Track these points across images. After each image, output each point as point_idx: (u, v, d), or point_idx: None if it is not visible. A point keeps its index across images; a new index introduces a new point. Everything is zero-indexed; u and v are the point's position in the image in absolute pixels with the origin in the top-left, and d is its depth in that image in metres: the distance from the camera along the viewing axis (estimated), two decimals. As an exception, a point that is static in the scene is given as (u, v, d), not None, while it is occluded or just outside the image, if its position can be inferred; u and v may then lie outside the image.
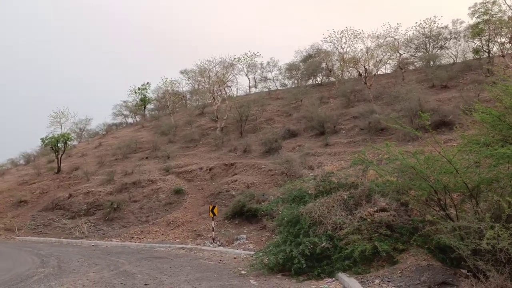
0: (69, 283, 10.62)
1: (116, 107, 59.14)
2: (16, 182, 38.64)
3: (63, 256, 16.83)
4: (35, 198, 33.06)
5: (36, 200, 32.65)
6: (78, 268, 13.44)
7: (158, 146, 36.67)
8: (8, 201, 33.53)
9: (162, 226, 23.77)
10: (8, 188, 36.60)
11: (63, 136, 38.76)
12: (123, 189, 28.38)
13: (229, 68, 41.37)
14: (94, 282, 10.69)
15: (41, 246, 21.87)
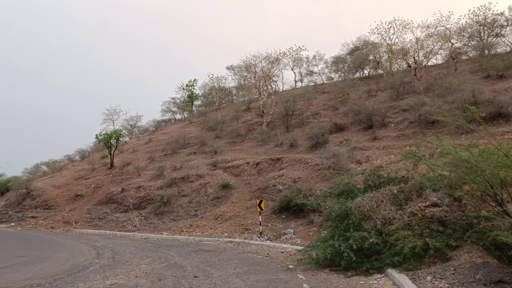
0: (122, 274, 11.02)
1: (165, 104, 60.73)
2: (73, 177, 40.52)
3: (117, 248, 17.49)
4: (90, 193, 34.54)
5: (91, 194, 34.11)
6: (131, 260, 13.93)
7: (205, 142, 37.24)
8: (66, 195, 35.26)
9: (210, 220, 24.17)
10: (65, 183, 38.45)
11: (115, 132, 40.20)
12: (173, 184, 29.08)
13: (275, 63, 41.25)
14: (146, 273, 11.03)
15: (96, 238, 22.83)
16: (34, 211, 34.01)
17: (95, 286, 9.19)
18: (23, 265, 13.04)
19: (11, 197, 38.23)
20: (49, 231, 28.25)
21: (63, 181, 39.36)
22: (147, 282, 9.62)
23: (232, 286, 9.06)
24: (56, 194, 35.74)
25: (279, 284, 9.22)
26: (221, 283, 9.47)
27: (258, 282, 9.55)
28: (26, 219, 33.12)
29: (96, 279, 10.18)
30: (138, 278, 10.31)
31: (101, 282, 9.77)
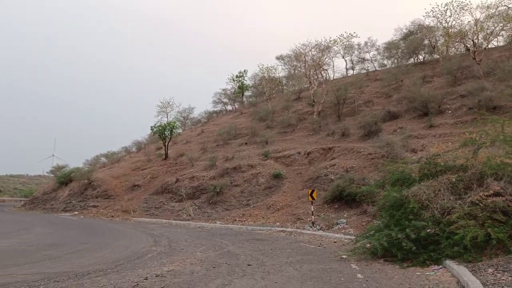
0: (178, 261, 11.35)
1: (216, 95, 61.58)
2: (130, 168, 42.11)
3: (172, 236, 18.04)
4: (147, 183, 35.77)
5: (148, 184, 35.32)
6: (186, 248, 14.32)
7: (256, 132, 37.46)
8: (124, 185, 36.74)
9: (263, 209, 24.37)
10: (123, 173, 40.05)
11: (169, 124, 41.30)
12: (225, 174, 29.52)
13: (325, 51, 40.65)
14: (201, 261, 11.31)
15: (153, 226, 23.65)
16: (95, 201, 35.72)
17: (153, 272, 9.52)
18: (87, 251, 13.75)
19: (74, 187, 40.33)
20: (109, 219, 29.57)
21: (121, 172, 41.01)
22: (202, 269, 9.86)
23: (285, 275, 9.11)
24: (115, 184, 37.32)
25: (332, 274, 9.16)
26: (274, 271, 9.54)
27: (311, 271, 9.54)
28: (88, 208, 34.86)
29: (154, 266, 10.56)
30: (193, 265, 10.59)
31: (158, 268, 10.11)
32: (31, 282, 8.44)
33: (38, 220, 28.90)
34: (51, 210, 38.46)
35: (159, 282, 8.39)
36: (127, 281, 8.53)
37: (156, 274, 9.21)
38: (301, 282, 8.33)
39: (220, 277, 8.86)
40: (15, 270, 9.93)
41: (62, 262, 11.36)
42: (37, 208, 41.78)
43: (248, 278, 8.74)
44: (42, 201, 43.42)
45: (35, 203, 44.30)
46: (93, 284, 8.17)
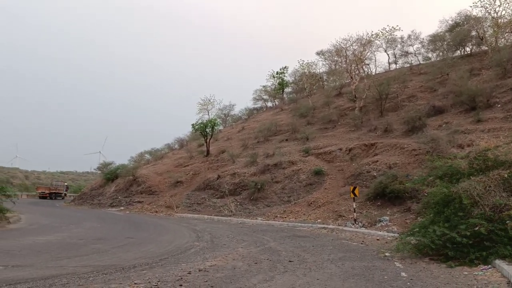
0: (221, 256, 11.51)
1: (256, 92, 61.78)
2: (173, 164, 43.01)
3: (214, 232, 18.30)
4: (189, 179, 36.42)
5: (190, 181, 35.95)
6: (228, 243, 14.49)
7: (297, 128, 37.32)
8: (167, 182, 37.56)
9: (304, 206, 24.28)
10: (166, 170, 40.95)
11: (210, 121, 41.81)
12: (266, 170, 29.61)
13: (367, 45, 39.85)
14: (243, 256, 11.41)
15: (195, 222, 24.07)
16: (140, 196, 36.75)
17: (196, 267, 9.70)
18: (132, 245, 14.18)
19: (120, 184, 41.64)
20: (154, 215, 30.34)
21: (164, 169, 41.94)
22: (244, 265, 9.95)
23: (327, 272, 9.05)
24: (158, 181, 38.24)
25: (375, 272, 9.02)
26: (316, 268, 9.50)
27: (354, 268, 9.43)
28: (133, 204, 35.92)
29: (197, 261, 10.75)
30: (235, 260, 10.70)
31: (201, 263, 10.29)
32: (81, 274, 8.79)
33: (87, 215, 30.05)
34: (98, 206, 39.90)
35: (202, 276, 8.54)
36: (171, 275, 8.73)
37: (199, 269, 9.37)
38: (343, 280, 8.26)
39: (262, 273, 8.92)
40: (66, 263, 10.39)
41: (109, 255, 11.78)
42: (85, 204, 43.47)
43: (290, 275, 8.75)
44: (90, 197, 45.13)
45: (84, 199, 46.10)
46: (139, 277, 8.41)
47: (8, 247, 13.42)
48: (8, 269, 9.39)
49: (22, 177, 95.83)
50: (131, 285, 7.68)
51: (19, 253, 12.09)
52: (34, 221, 24.15)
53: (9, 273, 8.96)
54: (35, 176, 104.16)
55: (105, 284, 7.80)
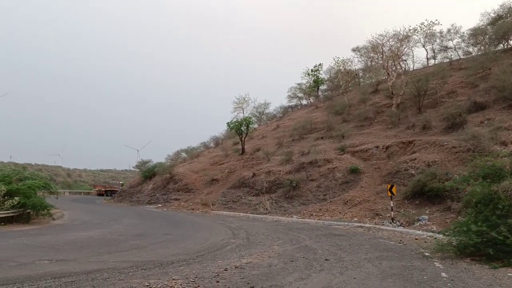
0: (257, 254, 11.58)
1: (291, 90, 61.52)
2: (208, 162, 43.49)
3: (250, 230, 18.42)
4: (225, 177, 36.74)
5: (225, 179, 36.27)
6: (264, 241, 14.56)
7: (332, 126, 36.97)
8: (203, 180, 38.04)
9: (339, 204, 24.06)
10: (202, 168, 41.47)
11: (245, 120, 42.00)
12: (301, 169, 29.50)
13: (404, 41, 38.92)
14: (279, 254, 11.45)
15: (231, 219, 24.28)
16: (177, 194, 37.38)
17: (233, 264, 9.81)
18: (170, 241, 14.48)
19: (157, 181, 42.49)
20: (190, 212, 30.81)
21: (200, 167, 42.48)
22: (280, 263, 9.98)
23: (364, 271, 8.96)
24: (194, 179, 38.77)
25: (414, 272, 8.85)
26: (353, 267, 9.42)
27: (392, 268, 9.29)
28: (170, 201, 36.57)
29: (233, 258, 10.87)
30: (271, 258, 10.75)
31: (237, 260, 10.40)
32: (121, 269, 9.06)
33: (126, 212, 30.85)
34: (137, 203, 40.85)
35: (238, 273, 8.64)
36: (208, 271, 8.87)
37: (235, 266, 9.48)
38: (381, 279, 8.16)
39: (298, 271, 8.92)
40: (107, 258, 10.73)
41: (148, 251, 12.08)
42: (124, 201, 44.60)
43: (326, 273, 8.72)
44: (129, 194, 46.28)
45: (123, 196, 47.32)
46: (176, 273, 8.59)
47: (53, 242, 14.00)
48: (53, 263, 9.80)
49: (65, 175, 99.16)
50: (169, 280, 7.86)
51: (63, 248, 12.59)
52: (76, 217, 25.03)
53: (54, 267, 9.35)
54: (76, 174, 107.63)
55: (145, 279, 8.01)
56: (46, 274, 8.34)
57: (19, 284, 7.42)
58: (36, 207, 21.13)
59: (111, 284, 7.55)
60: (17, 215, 20.86)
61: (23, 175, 24.82)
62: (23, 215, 21.35)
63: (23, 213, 21.24)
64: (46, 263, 9.77)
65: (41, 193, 23.40)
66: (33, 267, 9.28)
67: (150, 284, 7.50)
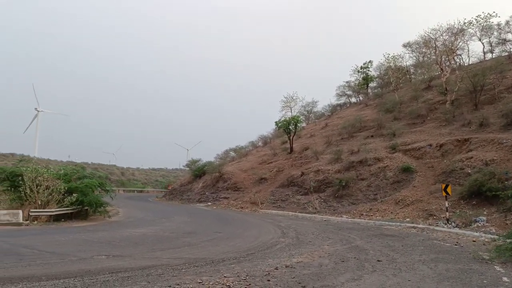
0: (307, 253, 11.52)
1: (339, 88, 60.62)
2: (257, 161, 43.75)
3: (299, 229, 18.35)
4: (273, 176, 36.82)
5: (274, 178, 36.33)
6: (314, 241, 14.46)
7: (382, 124, 36.14)
8: (252, 178, 38.31)
9: (391, 204, 23.49)
10: (251, 167, 41.77)
11: (293, 119, 41.86)
12: (350, 168, 29.05)
13: (459, 35, 37.33)
14: (329, 254, 11.32)
15: (280, 218, 24.29)
16: (226, 192, 37.87)
17: (283, 263, 9.81)
18: (220, 239, 14.69)
19: (207, 180, 43.24)
20: (239, 210, 31.12)
21: (248, 166, 42.81)
22: (331, 263, 9.87)
23: (419, 273, 8.69)
24: (243, 177, 39.12)
25: (473, 275, 8.48)
26: (407, 269, 9.16)
27: (448, 271, 8.95)
28: (219, 199, 37.12)
29: (283, 257, 10.87)
30: (321, 258, 10.65)
31: (287, 259, 10.38)
32: (174, 265, 9.29)
33: (177, 209, 31.63)
34: (187, 201, 41.78)
35: (289, 272, 8.62)
36: (259, 269, 8.92)
37: (285, 265, 9.47)
38: (437, 282, 7.88)
39: (349, 271, 8.79)
40: (160, 254, 11.04)
41: (199, 248, 12.32)
42: (175, 199, 45.76)
43: (379, 274, 8.54)
44: (179, 192, 47.43)
45: (174, 194, 48.56)
46: (228, 271, 8.70)
47: (109, 238, 14.58)
48: (110, 259, 10.20)
49: (119, 174, 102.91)
50: (221, 278, 7.97)
51: (118, 244, 13.08)
52: (131, 214, 25.94)
53: (111, 262, 9.74)
54: (130, 172, 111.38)
55: (197, 276, 8.17)
56: (104, 269, 8.69)
57: (79, 278, 7.77)
58: (93, 204, 22.09)
59: (165, 280, 7.75)
60: (76, 212, 21.93)
61: (82, 174, 26.00)
62: (81, 212, 22.42)
63: (81, 210, 22.32)
64: (103, 258, 10.18)
65: (98, 191, 24.42)
66: (91, 262, 9.70)
67: (202, 281, 7.64)
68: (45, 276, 7.82)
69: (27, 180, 20.55)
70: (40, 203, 20.55)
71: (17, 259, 9.74)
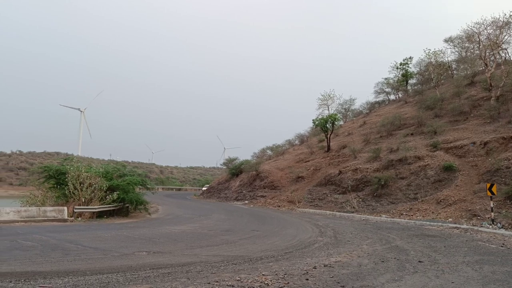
0: (345, 252, 11.39)
1: (378, 85, 59.49)
2: (294, 160, 43.60)
3: (337, 228, 18.16)
4: (310, 174, 36.59)
5: (311, 176, 36.11)
6: (352, 240, 14.28)
7: (423, 122, 35.19)
8: (289, 177, 38.21)
9: (432, 204, 22.88)
10: (287, 165, 41.66)
11: (330, 117, 41.41)
12: (389, 166, 28.47)
13: (504, 28, 35.86)
14: (368, 254, 11.15)
15: (317, 217, 24.12)
16: (263, 191, 37.95)
17: (321, 262, 9.73)
18: (258, 238, 14.74)
19: (244, 178, 43.47)
20: (276, 209, 31.11)
21: (285, 164, 42.72)
22: (370, 263, 9.72)
23: (463, 275, 8.41)
24: (280, 176, 39.08)
25: (521, 279, 8.14)
26: (450, 270, 8.89)
27: (494, 273, 8.63)
28: (256, 198, 37.24)
29: (321, 256, 10.79)
30: (360, 258, 10.50)
31: (326, 258, 10.30)
32: (213, 263, 9.40)
33: (214, 207, 31.96)
34: (224, 199, 42.16)
35: (327, 272, 8.55)
36: (297, 268, 8.89)
37: (324, 264, 9.40)
38: (482, 285, 7.61)
39: (390, 272, 8.62)
40: (199, 251, 11.19)
41: (237, 246, 12.40)
42: (212, 197, 46.26)
43: (420, 275, 8.33)
44: (217, 191, 47.91)
45: (211, 192, 49.09)
46: (266, 269, 8.72)
47: (150, 235, 14.91)
48: (150, 255, 10.44)
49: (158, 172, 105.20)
50: (259, 276, 7.99)
51: (158, 240, 13.36)
52: (170, 212, 26.44)
53: (152, 258, 9.96)
54: (168, 171, 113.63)
55: (235, 273, 8.23)
56: (145, 265, 8.91)
57: (122, 273, 7.99)
58: (133, 201, 22.67)
59: (204, 277, 7.86)
60: (117, 209, 22.57)
61: (123, 172, 26.70)
62: (123, 209, 23.06)
63: (122, 207, 22.94)
64: (144, 255, 10.43)
65: (138, 188, 25.02)
66: (133, 257, 9.95)
67: (241, 279, 7.69)
68: (89, 271, 8.09)
69: (71, 178, 21.32)
70: (84, 200, 21.29)
71: (63, 254, 10.13)
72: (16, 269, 8.11)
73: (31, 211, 19.23)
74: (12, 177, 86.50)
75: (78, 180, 21.42)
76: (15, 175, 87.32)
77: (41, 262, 8.92)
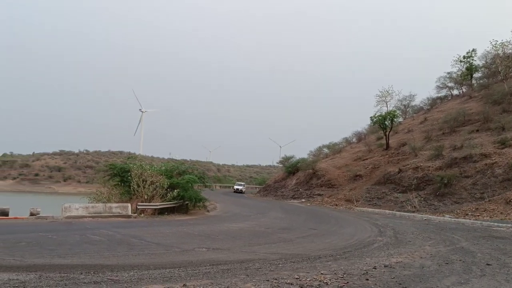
0: (406, 253, 11.05)
1: (440, 79, 57.14)
2: (351, 158, 42.89)
3: (397, 228, 17.66)
4: (368, 173, 35.83)
5: (369, 175, 35.35)
6: (413, 240, 13.83)
7: (489, 117, 33.39)
8: (346, 175, 37.65)
9: (500, 204, 21.68)
10: (345, 164, 41.07)
11: (389, 113, 40.30)
12: (453, 164, 27.29)
13: None
14: (431, 255, 10.75)
15: (376, 216, 23.58)
16: (320, 189, 37.65)
17: (381, 262, 9.50)
18: (315, 236, 14.65)
19: (300, 177, 43.34)
20: (333, 208, 30.74)
21: (342, 162, 42.13)
22: (433, 264, 9.37)
23: (537, 280, 7.91)
24: (337, 174, 38.59)
25: None
26: (522, 274, 8.39)
27: None
28: (313, 196, 37.01)
29: (381, 256, 10.54)
30: (423, 259, 10.15)
31: (386, 259, 10.04)
32: (271, 260, 9.45)
33: (271, 205, 32.10)
34: (281, 197, 42.22)
35: (388, 272, 8.34)
36: (356, 268, 8.74)
37: (384, 265, 9.17)
38: (558, 291, 7.12)
39: (455, 275, 8.27)
40: (257, 249, 11.29)
41: (295, 244, 12.39)
42: (269, 195, 46.46)
43: (489, 279, 7.92)
44: (273, 189, 48.09)
45: (268, 190, 49.35)
46: (324, 268, 8.64)
47: (208, 231, 15.24)
48: (210, 251, 10.67)
49: (215, 170, 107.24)
50: (318, 275, 7.93)
51: (217, 237, 13.63)
52: (227, 209, 26.86)
53: (211, 254, 10.18)
54: (225, 169, 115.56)
55: (294, 271, 8.22)
56: (205, 261, 9.11)
57: (183, 268, 8.23)
58: (192, 199, 23.24)
59: (263, 274, 7.91)
60: (177, 206, 23.23)
61: (181, 169, 27.44)
62: (182, 206, 23.70)
63: (182, 204, 23.58)
64: (204, 251, 10.67)
65: (197, 186, 25.62)
66: (193, 253, 10.22)
67: (299, 277, 7.67)
68: (153, 265, 8.40)
69: (135, 176, 22.21)
70: (146, 198, 22.10)
71: (128, 248, 10.58)
72: (86, 261, 8.57)
73: (98, 207, 20.22)
74: (80, 175, 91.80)
75: (141, 178, 22.26)
76: (82, 173, 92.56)
77: (108, 256, 9.37)
